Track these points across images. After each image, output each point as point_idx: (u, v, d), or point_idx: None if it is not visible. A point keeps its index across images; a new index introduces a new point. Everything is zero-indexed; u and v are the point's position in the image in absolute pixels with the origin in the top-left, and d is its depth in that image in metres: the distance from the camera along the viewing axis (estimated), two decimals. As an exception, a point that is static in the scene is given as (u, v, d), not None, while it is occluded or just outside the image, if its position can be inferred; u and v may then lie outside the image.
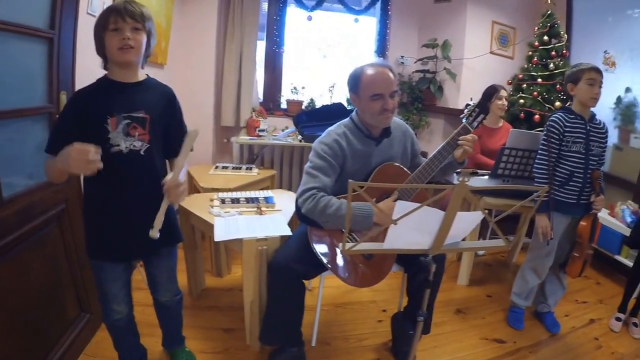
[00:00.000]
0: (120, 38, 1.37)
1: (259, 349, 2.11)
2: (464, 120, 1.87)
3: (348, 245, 1.17)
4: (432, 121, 4.46)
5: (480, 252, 3.67)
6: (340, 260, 1.83)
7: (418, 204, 1.04)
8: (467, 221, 1.15)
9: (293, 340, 1.98)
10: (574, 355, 2.40)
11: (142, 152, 1.48)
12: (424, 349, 2.26)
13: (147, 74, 1.58)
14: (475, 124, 1.86)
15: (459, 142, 1.80)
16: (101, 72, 1.50)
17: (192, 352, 2.01)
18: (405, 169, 1.91)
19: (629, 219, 3.20)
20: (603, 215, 3.41)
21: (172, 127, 1.61)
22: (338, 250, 1.83)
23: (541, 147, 2.33)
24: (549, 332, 2.58)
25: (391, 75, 1.79)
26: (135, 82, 1.50)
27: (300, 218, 1.86)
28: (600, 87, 2.24)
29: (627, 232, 3.08)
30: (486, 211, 1.12)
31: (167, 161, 1.66)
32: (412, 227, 1.12)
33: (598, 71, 2.23)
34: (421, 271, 1.91)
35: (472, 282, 3.13)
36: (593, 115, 2.34)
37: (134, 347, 1.81)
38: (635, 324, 2.69)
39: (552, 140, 2.28)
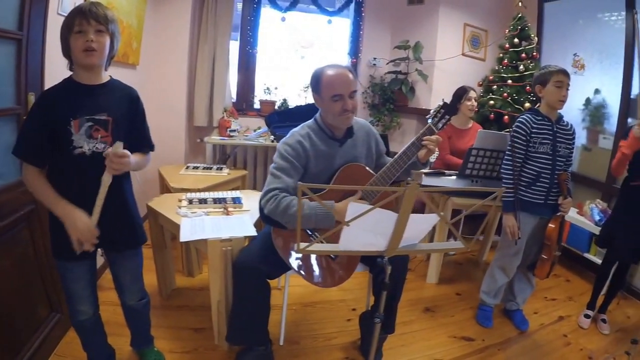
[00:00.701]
0: (84, 40, 1.38)
1: (228, 348, 2.11)
2: (429, 121, 1.89)
3: (302, 245, 1.17)
4: (403, 122, 4.51)
5: (451, 251, 3.69)
6: (305, 262, 1.83)
7: (370, 206, 1.04)
8: (422, 223, 1.15)
9: (259, 339, 1.98)
10: (543, 352, 2.43)
11: (104, 154, 1.47)
12: (391, 347, 2.27)
13: (110, 75, 1.58)
14: (440, 124, 1.88)
15: (423, 142, 1.82)
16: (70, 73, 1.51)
17: (161, 352, 2.00)
18: (368, 169, 1.91)
19: (597, 217, 3.27)
20: (572, 214, 3.48)
21: (135, 129, 1.62)
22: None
23: (508, 148, 2.36)
24: (517, 330, 2.62)
25: (350, 76, 1.80)
26: (98, 85, 1.51)
27: (263, 219, 1.85)
28: (568, 89, 2.26)
29: (595, 230, 3.15)
30: (442, 213, 1.12)
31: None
32: (366, 229, 1.12)
33: (566, 74, 2.26)
34: (384, 271, 1.93)
35: (442, 281, 3.16)
36: (560, 117, 2.37)
37: (101, 347, 1.81)
38: (604, 320, 2.74)
39: (519, 141, 2.31)
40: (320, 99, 1.83)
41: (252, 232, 2.00)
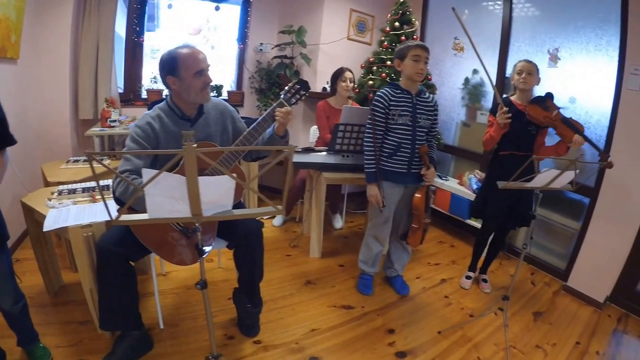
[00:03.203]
0: None
1: (111, 336, 2.11)
2: (281, 96, 1.99)
3: (114, 215, 1.22)
4: (290, 104, 4.62)
5: (338, 226, 3.87)
6: (162, 241, 1.87)
7: (158, 171, 1.11)
8: (217, 186, 1.21)
9: (131, 324, 1.98)
10: (423, 314, 2.59)
11: None
12: (269, 321, 2.36)
13: None
14: (294, 100, 2.00)
15: (275, 114, 1.93)
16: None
17: (47, 348, 1.98)
18: (219, 146, 1.98)
19: (474, 186, 3.55)
20: (453, 184, 3.76)
21: None
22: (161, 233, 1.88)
23: (368, 120, 2.45)
24: (398, 295, 2.77)
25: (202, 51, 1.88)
26: None
27: (116, 202, 1.86)
28: (426, 63, 2.38)
29: (473, 197, 3.40)
30: (234, 175, 1.21)
31: None
32: (165, 195, 1.18)
33: (424, 48, 2.36)
34: (241, 245, 2.02)
35: (326, 254, 3.27)
36: (421, 91, 2.48)
37: None
38: (485, 280, 2.98)
39: (378, 113, 2.42)
40: (180, 80, 1.84)
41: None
